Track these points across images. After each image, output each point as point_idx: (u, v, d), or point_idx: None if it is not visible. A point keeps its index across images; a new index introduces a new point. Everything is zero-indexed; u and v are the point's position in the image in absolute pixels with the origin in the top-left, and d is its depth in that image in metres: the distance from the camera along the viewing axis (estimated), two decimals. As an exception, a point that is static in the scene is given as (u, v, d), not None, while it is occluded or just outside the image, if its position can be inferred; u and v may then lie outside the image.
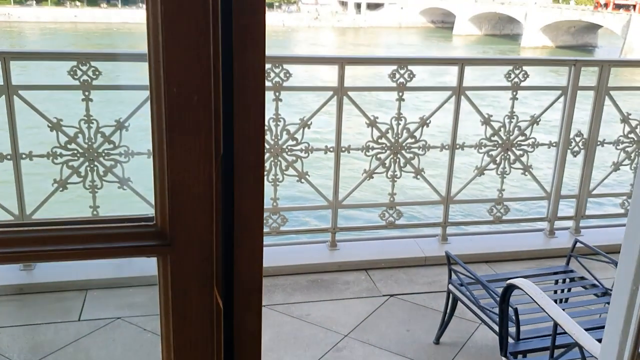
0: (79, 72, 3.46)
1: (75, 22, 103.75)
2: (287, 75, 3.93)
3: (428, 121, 4.38)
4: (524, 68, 4.48)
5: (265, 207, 4.06)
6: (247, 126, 0.78)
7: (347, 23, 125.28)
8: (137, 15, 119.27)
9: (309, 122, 4.12)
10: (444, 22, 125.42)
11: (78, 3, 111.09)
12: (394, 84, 4.23)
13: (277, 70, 3.90)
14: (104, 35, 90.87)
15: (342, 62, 4.08)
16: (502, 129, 4.58)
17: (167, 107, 0.76)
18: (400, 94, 4.25)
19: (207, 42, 0.76)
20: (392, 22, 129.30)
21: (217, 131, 0.78)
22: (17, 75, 3.47)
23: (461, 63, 4.35)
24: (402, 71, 4.20)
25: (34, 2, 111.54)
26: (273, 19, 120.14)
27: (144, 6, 0.75)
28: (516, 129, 4.59)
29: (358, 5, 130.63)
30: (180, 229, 0.79)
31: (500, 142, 4.59)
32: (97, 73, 3.49)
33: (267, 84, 3.90)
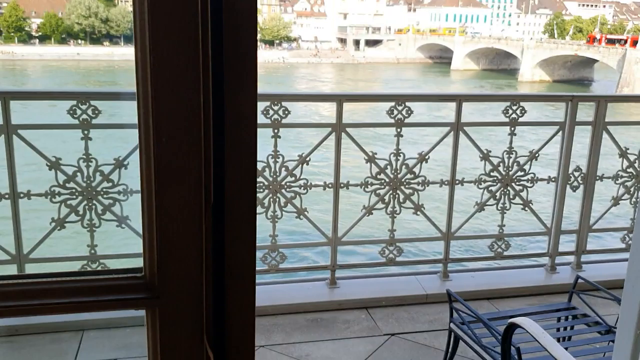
0: (79, 111, 3.48)
1: (77, 59, 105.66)
2: (286, 112, 3.96)
3: (427, 157, 4.39)
4: (522, 104, 4.51)
5: (263, 244, 4.03)
6: (239, 174, 0.77)
7: (346, 59, 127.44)
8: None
9: (307, 159, 4.12)
10: (441, 58, 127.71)
11: (81, 41, 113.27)
12: (392, 120, 4.25)
13: (275, 108, 3.92)
14: (106, 72, 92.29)
15: (340, 99, 4.12)
16: (501, 164, 4.58)
17: (156, 156, 0.75)
18: (399, 130, 4.27)
19: (197, 89, 0.75)
20: (390, 58, 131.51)
21: (207, 179, 0.77)
22: (16, 112, 3.48)
23: (459, 99, 4.38)
24: (399, 108, 4.23)
25: (37, 40, 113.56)
26: (273, 56, 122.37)
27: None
28: (515, 164, 4.60)
29: (357, 42, 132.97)
30: (169, 280, 0.77)
31: (499, 177, 4.59)
32: (96, 112, 3.51)
33: (266, 120, 3.92)
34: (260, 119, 3.90)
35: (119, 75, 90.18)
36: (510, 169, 4.59)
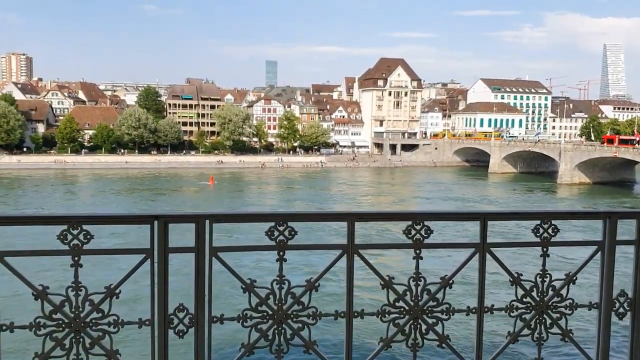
0: (69, 236, 3.29)
1: (125, 167, 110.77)
2: (292, 233, 3.68)
3: (451, 281, 3.98)
4: (554, 222, 4.13)
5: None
6: None
7: (383, 163, 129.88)
8: (182, 159, 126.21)
9: (317, 284, 3.78)
10: (478, 161, 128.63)
11: (125, 151, 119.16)
12: (410, 241, 3.92)
13: (280, 228, 3.66)
14: (152, 178, 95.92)
15: (351, 219, 3.83)
16: (534, 288, 4.12)
17: None
18: (418, 251, 3.92)
19: None
20: (427, 162, 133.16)
21: None
22: (7, 239, 3.33)
23: (483, 218, 4.03)
24: (417, 227, 3.91)
25: (87, 149, 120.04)
26: (312, 161, 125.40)
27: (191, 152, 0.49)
28: (550, 288, 4.13)
29: (393, 147, 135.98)
30: None
31: (533, 303, 4.11)
32: (88, 237, 3.31)
33: (270, 242, 3.65)
34: (264, 240, 3.64)
35: (164, 182, 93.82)
36: (545, 294, 4.11)
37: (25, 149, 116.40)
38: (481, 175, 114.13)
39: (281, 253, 3.68)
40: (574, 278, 4.16)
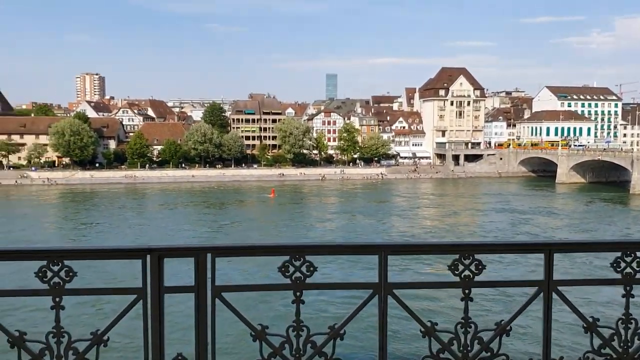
0: (49, 274, 2.84)
1: (192, 181, 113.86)
2: (311, 269, 3.09)
3: (508, 327, 3.26)
4: (639, 254, 3.32)
5: None
6: None
7: (446, 174, 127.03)
8: (245, 172, 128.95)
9: (341, 331, 3.16)
10: (545, 171, 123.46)
11: (188, 165, 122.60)
12: (457, 279, 3.23)
13: (297, 264, 3.08)
14: (217, 191, 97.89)
15: (383, 251, 3.20)
16: (615, 337, 3.33)
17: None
18: (467, 291, 3.23)
19: None
20: (492, 172, 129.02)
21: None
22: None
23: (548, 250, 3.29)
24: (466, 261, 3.23)
25: (156, 164, 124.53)
26: (372, 172, 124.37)
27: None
28: (637, 337, 3.32)
29: (456, 157, 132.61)
30: None
31: (614, 356, 3.31)
32: (70, 274, 2.86)
33: (285, 280, 3.08)
34: (278, 277, 3.07)
35: (228, 194, 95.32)
36: (629, 344, 3.33)
37: (97, 165, 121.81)
38: (549, 185, 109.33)
39: (298, 293, 3.10)
40: (667, 325, 3.34)
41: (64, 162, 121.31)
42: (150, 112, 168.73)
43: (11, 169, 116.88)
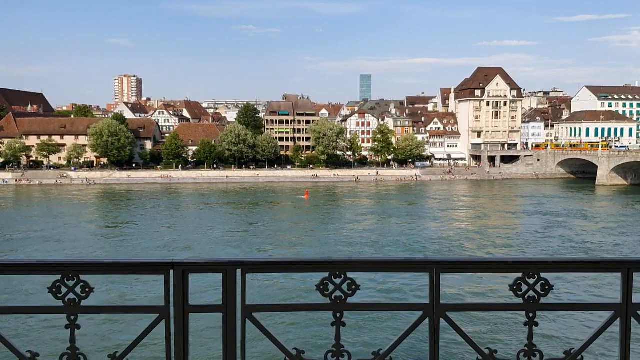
0: (64, 289, 2.60)
1: (226, 182, 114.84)
2: (353, 287, 2.77)
3: (579, 357, 2.86)
4: None
5: None
6: None
7: (481, 176, 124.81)
8: (279, 174, 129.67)
9: (387, 357, 2.82)
10: (584, 173, 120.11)
11: (223, 166, 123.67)
12: (521, 300, 2.85)
13: (337, 281, 2.76)
14: (251, 192, 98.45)
15: (435, 268, 2.85)
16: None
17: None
18: (531, 314, 2.85)
19: None
20: (529, 174, 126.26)
21: None
22: None
23: (627, 268, 2.87)
24: (530, 281, 2.84)
25: (191, 166, 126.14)
26: (407, 174, 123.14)
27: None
28: None
29: (492, 159, 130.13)
30: None
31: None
32: (87, 290, 2.61)
33: (324, 300, 2.76)
34: (316, 296, 2.75)
35: (261, 195, 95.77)
36: None
37: (134, 165, 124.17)
38: (589, 187, 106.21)
39: (338, 314, 2.78)
40: None
41: (102, 163, 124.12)
42: (186, 113, 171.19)
43: (52, 169, 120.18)
